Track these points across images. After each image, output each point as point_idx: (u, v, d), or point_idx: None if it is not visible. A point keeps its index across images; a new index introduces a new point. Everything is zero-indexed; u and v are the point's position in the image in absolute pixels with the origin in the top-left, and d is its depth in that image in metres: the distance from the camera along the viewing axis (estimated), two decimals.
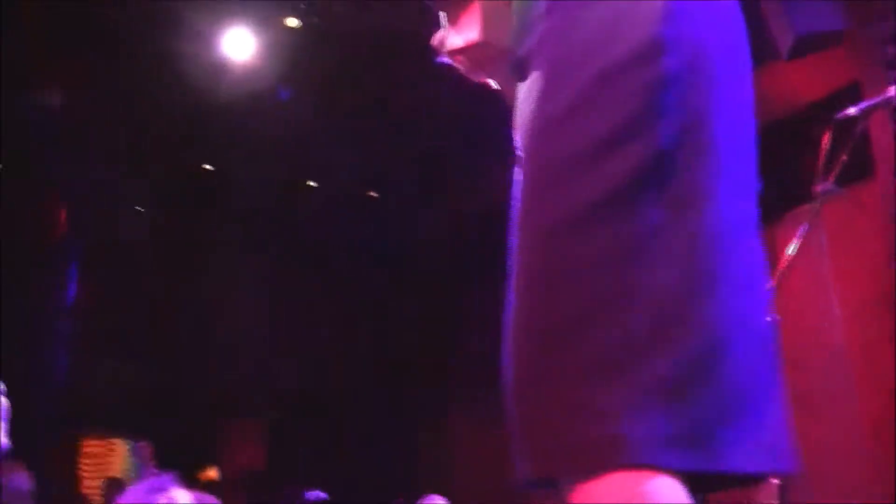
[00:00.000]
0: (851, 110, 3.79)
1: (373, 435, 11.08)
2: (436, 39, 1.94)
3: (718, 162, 1.42)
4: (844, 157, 3.75)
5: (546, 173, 1.44)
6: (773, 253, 4.19)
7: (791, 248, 3.68)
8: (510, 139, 1.69)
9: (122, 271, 10.52)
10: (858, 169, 5.68)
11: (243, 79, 8.65)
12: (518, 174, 1.52)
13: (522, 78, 1.58)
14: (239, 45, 8.42)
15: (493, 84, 1.93)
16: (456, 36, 1.84)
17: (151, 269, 10.92)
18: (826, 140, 3.71)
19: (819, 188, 3.75)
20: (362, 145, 9.91)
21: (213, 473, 12.01)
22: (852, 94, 6.14)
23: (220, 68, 8.56)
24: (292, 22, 8.40)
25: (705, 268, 1.36)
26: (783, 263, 3.67)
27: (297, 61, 8.63)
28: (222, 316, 11.18)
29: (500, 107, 1.90)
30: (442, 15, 1.93)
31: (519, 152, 1.55)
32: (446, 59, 1.91)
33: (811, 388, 6.65)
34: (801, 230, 3.73)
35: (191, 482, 7.92)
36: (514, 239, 1.48)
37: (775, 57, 5.88)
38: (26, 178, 9.60)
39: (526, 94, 1.54)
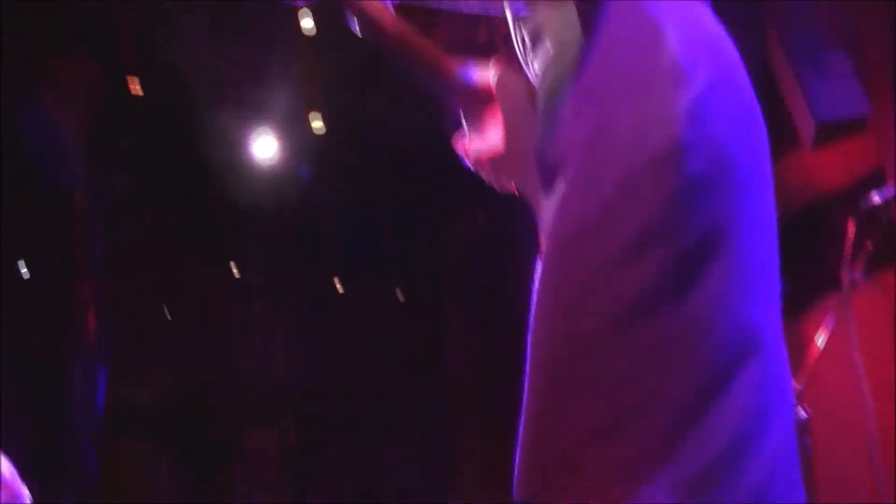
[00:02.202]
0: (875, 198, 3.78)
1: (391, 447, 10.91)
2: (459, 144, 1.95)
3: (740, 264, 1.42)
4: (870, 246, 3.71)
5: (570, 279, 1.43)
6: (802, 345, 4.12)
7: (820, 340, 3.63)
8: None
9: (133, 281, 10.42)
10: (886, 256, 5.62)
11: (268, 179, 8.74)
12: (538, 274, 1.52)
13: (549, 184, 1.57)
14: (264, 148, 8.52)
15: (516, 190, 1.93)
16: (479, 142, 1.84)
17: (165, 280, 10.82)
18: (851, 228, 3.68)
19: (846, 277, 3.71)
20: (385, 241, 9.95)
21: None
22: (876, 179, 6.10)
23: (246, 170, 8.66)
24: (317, 123, 8.53)
25: (726, 373, 1.36)
26: (813, 355, 3.61)
27: (321, 162, 8.72)
28: (235, 327, 11.13)
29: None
30: (464, 120, 1.92)
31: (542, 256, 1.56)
32: (469, 165, 1.92)
33: (844, 477, 6.51)
34: (829, 321, 3.67)
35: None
36: (532, 336, 1.48)
37: (797, 145, 5.89)
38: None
39: (551, 199, 1.54)
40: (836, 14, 6.39)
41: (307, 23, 7.36)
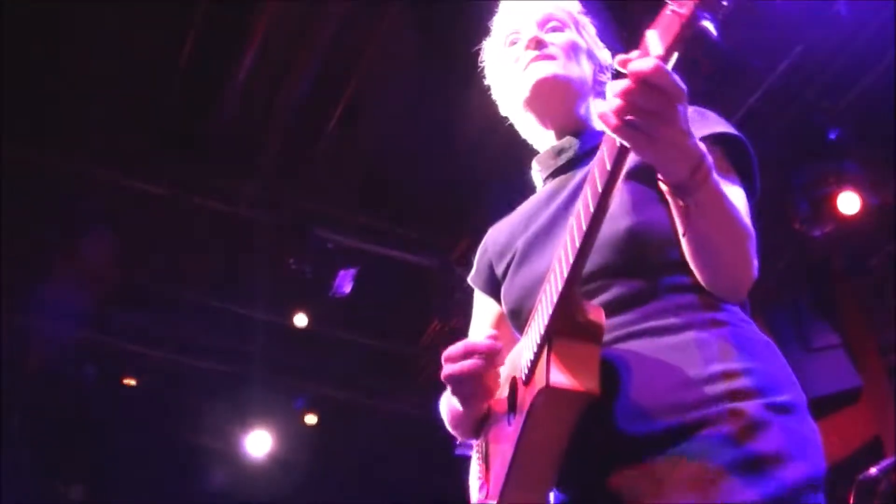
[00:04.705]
0: (872, 471, 3.76)
1: None
2: None
3: None
4: None
5: None
6: None
7: None
8: None
9: None
10: None
11: (261, 474, 8.66)
12: None
13: None
14: (258, 443, 8.54)
15: None
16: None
17: None
18: (851, 501, 3.65)
19: None
20: None
21: None
22: (873, 449, 6.07)
23: (240, 465, 8.59)
24: (311, 419, 8.57)
25: None
26: None
27: (315, 456, 8.67)
28: None
29: None
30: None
31: None
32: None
33: None
34: None
35: None
36: None
37: None
38: None
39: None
40: (817, 290, 6.56)
41: (300, 319, 7.49)
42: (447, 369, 1.96)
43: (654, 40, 1.52)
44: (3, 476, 7.31)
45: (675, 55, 1.52)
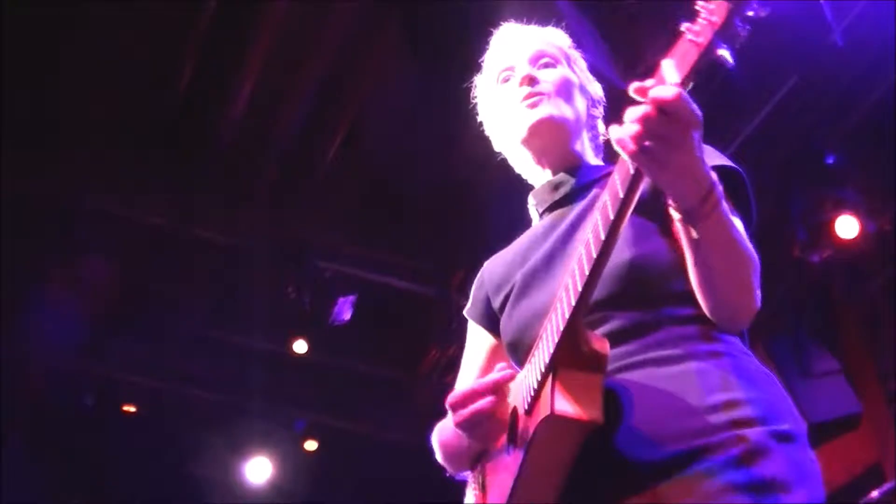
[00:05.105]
0: (874, 494, 3.75)
1: None
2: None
3: None
4: None
5: None
6: None
7: None
8: None
9: None
10: None
11: (261, 502, 8.62)
12: None
13: None
14: (258, 471, 8.48)
15: None
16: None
17: None
18: None
19: None
20: None
21: None
22: (874, 475, 6.02)
23: (240, 493, 8.55)
24: (311, 445, 8.57)
25: None
26: None
27: (315, 483, 8.64)
28: None
29: None
30: None
31: None
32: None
33: None
34: None
35: None
36: None
37: None
38: None
39: None
40: (816, 316, 6.53)
41: (300, 346, 7.43)
42: (462, 415, 1.97)
43: (671, 69, 1.55)
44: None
45: (691, 84, 1.55)
